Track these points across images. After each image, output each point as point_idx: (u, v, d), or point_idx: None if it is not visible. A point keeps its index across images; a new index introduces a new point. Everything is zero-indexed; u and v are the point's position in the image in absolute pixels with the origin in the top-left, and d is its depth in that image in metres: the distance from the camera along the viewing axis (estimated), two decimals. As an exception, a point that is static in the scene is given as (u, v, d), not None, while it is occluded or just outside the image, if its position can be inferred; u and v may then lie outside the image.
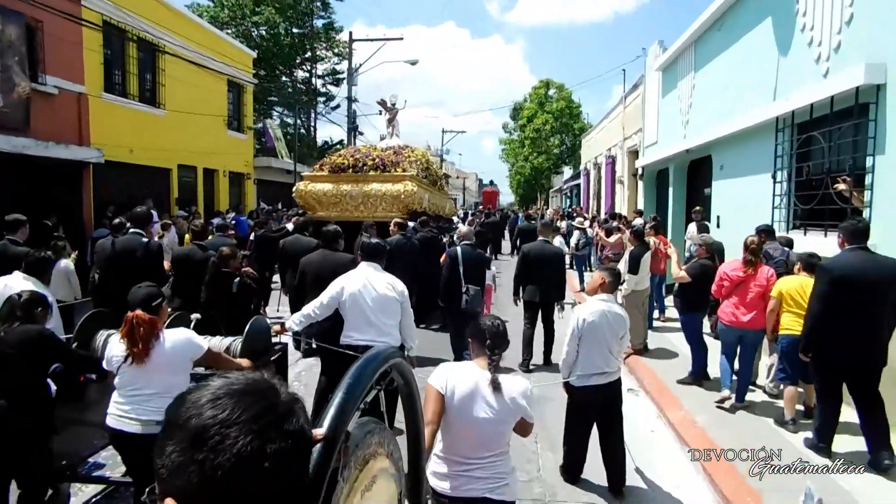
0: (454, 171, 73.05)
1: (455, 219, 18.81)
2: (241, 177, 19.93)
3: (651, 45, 14.59)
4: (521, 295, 6.98)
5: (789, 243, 6.05)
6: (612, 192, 19.62)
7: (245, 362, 3.44)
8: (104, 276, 5.81)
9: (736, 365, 5.46)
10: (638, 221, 11.76)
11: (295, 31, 28.68)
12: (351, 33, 25.09)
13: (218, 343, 3.83)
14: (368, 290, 4.21)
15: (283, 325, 4.32)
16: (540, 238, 7.15)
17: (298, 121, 30.40)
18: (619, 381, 3.97)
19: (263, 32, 26.72)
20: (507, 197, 69.22)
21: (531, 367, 6.84)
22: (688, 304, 6.09)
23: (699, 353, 6.09)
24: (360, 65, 24.50)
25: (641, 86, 15.40)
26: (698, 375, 6.09)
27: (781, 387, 5.15)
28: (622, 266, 7.42)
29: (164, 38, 14.24)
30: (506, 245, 21.39)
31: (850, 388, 4.27)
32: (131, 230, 5.92)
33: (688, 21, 11.11)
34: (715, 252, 6.11)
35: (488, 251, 17.72)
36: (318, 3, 28.43)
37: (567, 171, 38.61)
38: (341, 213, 9.55)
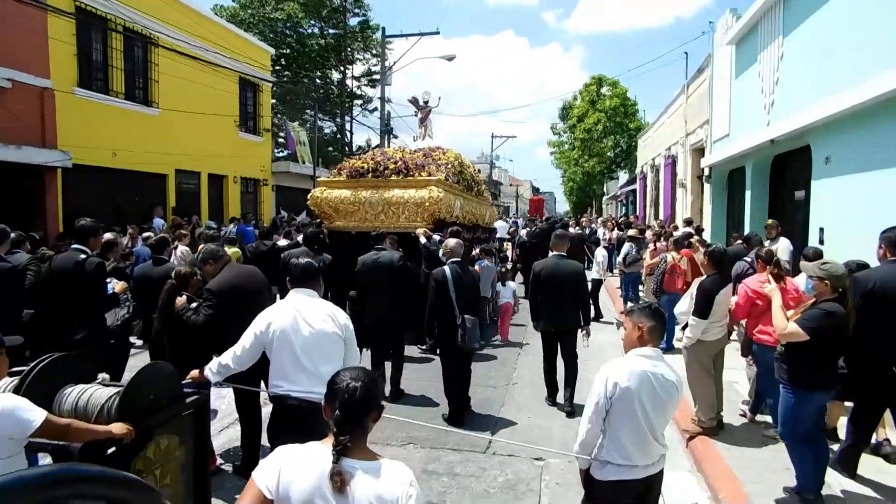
0: (507, 178, 70.68)
1: (501, 225, 16.84)
2: (257, 183, 18.44)
3: (720, 18, 11.97)
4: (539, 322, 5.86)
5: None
6: (672, 198, 16.88)
7: (117, 428, 2.54)
8: (43, 301, 5.05)
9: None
10: (687, 232, 9.30)
11: (331, 31, 27.36)
12: (384, 29, 23.37)
13: (99, 395, 2.80)
14: (300, 326, 3.22)
15: (201, 370, 3.31)
16: (553, 253, 5.85)
17: (333, 125, 29.07)
18: (660, 476, 2.73)
19: (288, 31, 25.40)
20: (562, 206, 67.60)
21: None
22: (801, 378, 3.59)
23: (811, 455, 3.64)
24: (394, 63, 22.84)
25: (708, 68, 12.76)
26: (811, 500, 3.64)
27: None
28: (684, 304, 5.09)
29: (158, 29, 12.81)
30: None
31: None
32: (73, 245, 5.05)
33: None
34: (846, 290, 3.58)
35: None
36: (351, 0, 26.90)
37: (623, 177, 35.53)
38: (360, 222, 8.49)
